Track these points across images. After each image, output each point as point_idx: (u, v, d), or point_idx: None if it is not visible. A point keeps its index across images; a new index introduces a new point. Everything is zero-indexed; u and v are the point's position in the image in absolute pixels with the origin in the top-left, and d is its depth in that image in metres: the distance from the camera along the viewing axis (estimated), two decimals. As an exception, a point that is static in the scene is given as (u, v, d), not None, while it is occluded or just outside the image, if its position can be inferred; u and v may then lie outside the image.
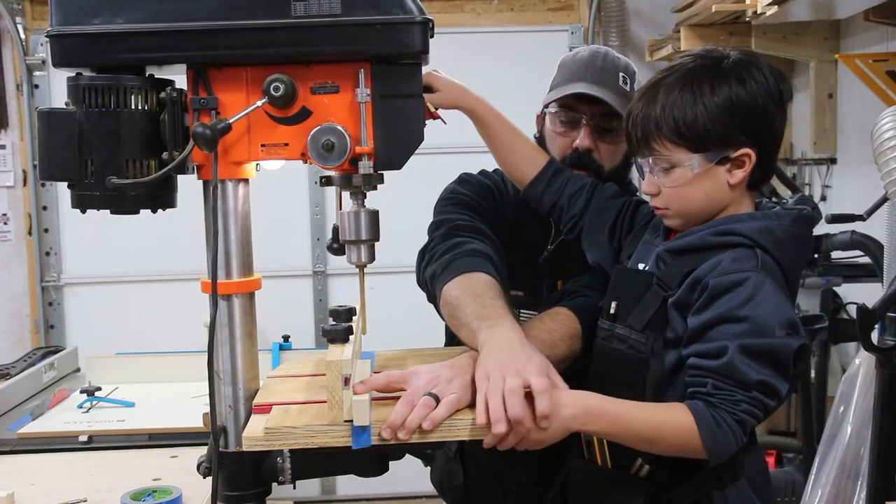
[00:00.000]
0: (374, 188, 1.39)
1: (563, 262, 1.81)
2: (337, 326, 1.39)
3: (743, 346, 1.30)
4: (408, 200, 3.10)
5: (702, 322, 1.35)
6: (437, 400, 1.33)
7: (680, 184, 1.41)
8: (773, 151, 1.44)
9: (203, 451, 1.38)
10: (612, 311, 1.48)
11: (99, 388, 2.62)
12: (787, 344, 1.33)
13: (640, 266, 1.50)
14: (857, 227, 2.81)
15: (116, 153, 1.30)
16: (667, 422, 1.31)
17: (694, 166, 1.39)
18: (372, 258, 1.43)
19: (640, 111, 1.43)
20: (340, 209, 1.47)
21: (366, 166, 1.33)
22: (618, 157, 1.77)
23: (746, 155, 1.40)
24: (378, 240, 1.41)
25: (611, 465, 1.48)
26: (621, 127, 1.63)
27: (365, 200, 1.39)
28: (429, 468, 1.99)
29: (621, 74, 1.75)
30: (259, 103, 1.30)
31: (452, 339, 1.92)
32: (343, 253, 1.45)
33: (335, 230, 1.48)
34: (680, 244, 1.45)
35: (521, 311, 1.75)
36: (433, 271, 1.66)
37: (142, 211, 1.33)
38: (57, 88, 4.17)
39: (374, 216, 1.40)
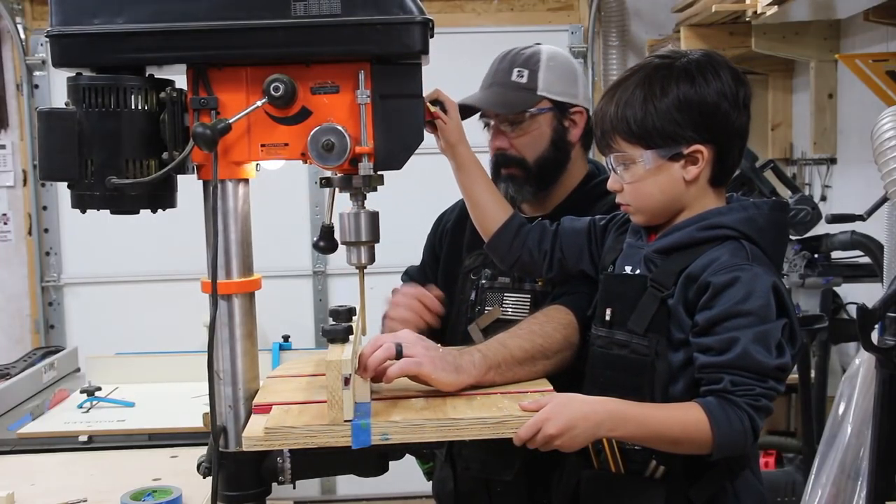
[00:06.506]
0: (374, 189, 1.39)
1: None
2: (337, 326, 1.39)
3: (755, 335, 1.34)
4: (408, 200, 3.10)
5: (707, 319, 1.37)
6: (400, 353, 1.40)
7: (636, 179, 1.45)
8: (731, 148, 1.47)
9: (203, 451, 1.39)
10: (607, 317, 1.49)
11: (99, 388, 2.62)
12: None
13: (628, 269, 1.51)
14: (857, 227, 2.81)
15: (116, 153, 1.30)
16: (691, 421, 1.33)
17: (647, 162, 1.44)
18: (372, 259, 1.43)
19: (601, 110, 1.49)
20: (331, 213, 1.49)
21: (366, 167, 1.33)
22: (539, 146, 1.79)
23: (699, 151, 1.43)
24: (378, 241, 1.42)
25: (623, 470, 1.48)
26: (531, 116, 1.74)
27: (365, 201, 1.40)
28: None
29: (516, 70, 1.79)
30: (259, 103, 1.30)
31: None
32: (329, 251, 1.48)
33: (322, 228, 1.49)
34: (668, 243, 1.46)
35: (506, 294, 1.78)
36: None
37: (142, 211, 1.33)
38: (57, 88, 4.17)
39: (374, 217, 1.40)
